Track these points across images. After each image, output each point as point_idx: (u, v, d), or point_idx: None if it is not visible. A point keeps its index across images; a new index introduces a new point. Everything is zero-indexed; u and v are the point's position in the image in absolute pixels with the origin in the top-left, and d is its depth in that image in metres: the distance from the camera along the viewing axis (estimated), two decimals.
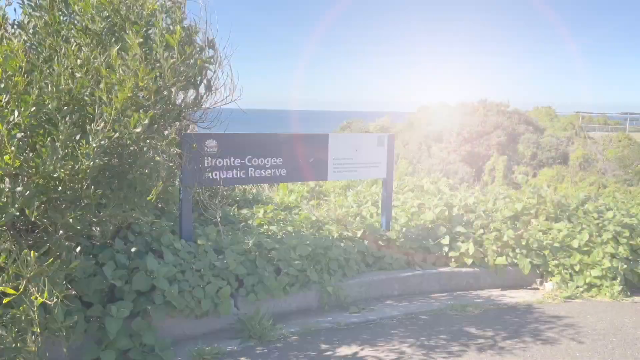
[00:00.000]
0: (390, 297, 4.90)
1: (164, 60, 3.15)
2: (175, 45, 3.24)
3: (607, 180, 23.57)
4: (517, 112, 29.46)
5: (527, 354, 3.63)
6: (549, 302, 4.82)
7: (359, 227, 5.40)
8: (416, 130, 29.07)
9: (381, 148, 5.44)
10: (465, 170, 21.28)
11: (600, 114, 59.72)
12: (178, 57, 3.26)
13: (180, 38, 3.21)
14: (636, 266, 5.28)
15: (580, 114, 50.14)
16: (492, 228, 5.56)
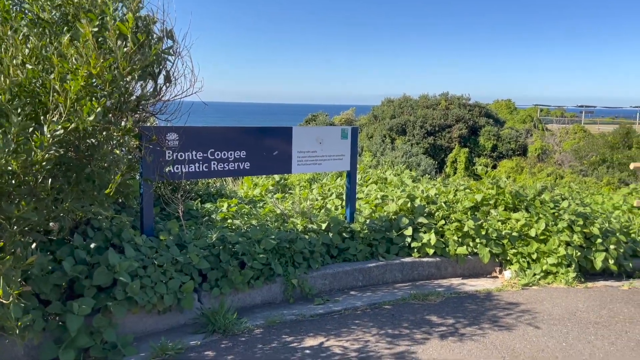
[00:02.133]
0: (354, 288, 4.96)
1: (117, 48, 3.08)
2: (128, 34, 3.16)
3: (563, 171, 24.36)
4: (478, 105, 30.07)
5: (487, 340, 3.74)
6: (508, 289, 4.97)
7: (323, 219, 5.42)
8: (380, 123, 29.32)
9: (345, 141, 5.47)
10: (428, 162, 21.62)
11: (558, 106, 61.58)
12: (132, 45, 3.18)
13: (133, 26, 3.14)
14: (589, 253, 5.48)
15: (538, 107, 51.58)
16: (453, 219, 5.67)
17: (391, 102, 31.59)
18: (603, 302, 4.61)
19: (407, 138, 27.93)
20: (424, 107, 29.27)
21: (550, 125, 37.24)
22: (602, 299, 4.71)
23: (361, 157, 11.43)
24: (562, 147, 27.95)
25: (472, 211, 5.94)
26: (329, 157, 5.38)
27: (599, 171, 22.76)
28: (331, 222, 5.35)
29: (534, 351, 3.60)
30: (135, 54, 3.29)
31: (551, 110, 57.99)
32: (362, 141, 27.20)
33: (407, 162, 17.76)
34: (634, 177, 18.54)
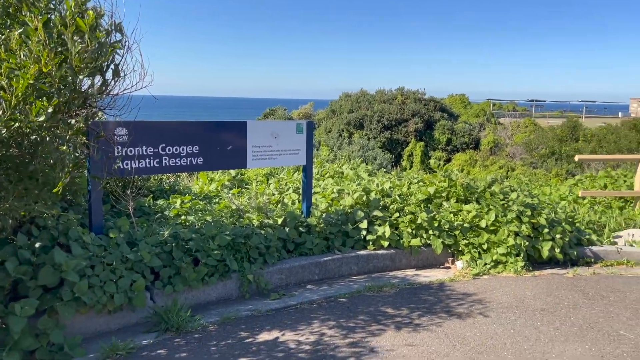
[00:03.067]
0: (311, 282, 4.97)
1: (72, 45, 2.96)
2: (87, 30, 3.05)
3: (515, 163, 25.14)
4: (433, 99, 30.62)
5: (439, 329, 3.83)
6: (460, 279, 5.09)
7: (280, 214, 5.42)
8: (338, 117, 29.45)
9: (300, 135, 5.47)
10: (384, 156, 21.89)
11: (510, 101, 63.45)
12: (88, 42, 3.07)
13: (92, 22, 3.03)
14: (537, 243, 5.68)
15: (491, 101, 52.99)
16: (407, 211, 5.77)
17: (349, 96, 31.77)
18: (549, 290, 4.79)
19: (365, 132, 28.17)
20: (381, 102, 29.58)
21: (503, 119, 38.34)
22: (549, 286, 4.90)
23: (318, 152, 11.47)
24: (513, 140, 28.83)
25: (425, 204, 6.06)
26: (285, 152, 5.36)
27: (548, 163, 23.61)
28: (287, 216, 5.34)
29: (484, 338, 3.71)
30: (88, 51, 3.18)
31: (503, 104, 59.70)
32: (320, 135, 27.26)
33: (363, 156, 17.93)
34: (580, 168, 19.32)
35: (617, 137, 24.97)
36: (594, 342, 3.67)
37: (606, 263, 5.82)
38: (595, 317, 4.14)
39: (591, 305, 4.40)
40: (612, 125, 28.22)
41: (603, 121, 33.44)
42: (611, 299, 4.58)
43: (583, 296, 4.63)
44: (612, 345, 3.64)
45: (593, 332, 3.85)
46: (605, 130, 26.69)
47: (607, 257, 5.90)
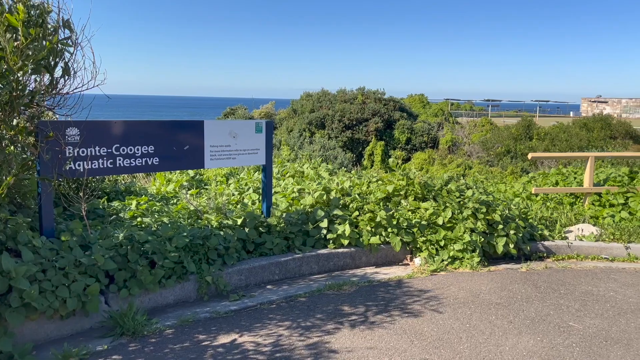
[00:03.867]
0: (271, 282, 4.96)
1: (5, 42, 2.85)
2: (19, 26, 2.94)
3: (472, 161, 25.76)
4: (392, 99, 31.04)
5: (397, 326, 3.88)
6: (418, 276, 5.18)
7: (239, 214, 5.37)
8: (300, 117, 29.46)
9: (260, 135, 5.44)
10: (345, 155, 22.04)
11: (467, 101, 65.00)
12: (23, 39, 2.96)
13: (24, 18, 2.92)
14: (492, 239, 5.84)
15: (449, 101, 54.12)
16: (366, 210, 5.82)
17: (310, 96, 31.82)
18: (504, 284, 4.93)
19: (326, 132, 28.28)
20: (342, 102, 29.75)
21: (460, 119, 39.22)
22: (503, 281, 5.04)
23: (279, 151, 11.43)
24: (470, 139, 29.53)
25: (384, 202, 6.13)
26: (244, 152, 5.32)
27: (503, 161, 24.30)
28: (247, 217, 5.30)
29: (441, 333, 3.79)
30: (26, 48, 3.07)
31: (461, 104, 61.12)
32: (281, 135, 27.20)
33: (324, 156, 18.00)
34: (535, 166, 19.96)
35: (568, 135, 25.93)
36: (545, 334, 3.80)
37: (557, 257, 6.03)
38: (546, 310, 4.28)
39: (543, 299, 4.55)
40: (564, 124, 29.30)
41: (556, 120, 34.66)
42: (562, 291, 4.75)
43: (535, 290, 4.79)
44: (562, 336, 3.78)
45: (544, 324, 3.99)
46: (558, 129, 27.68)
47: (558, 251, 6.11)
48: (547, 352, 3.51)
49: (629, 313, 4.24)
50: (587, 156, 8.02)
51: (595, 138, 25.19)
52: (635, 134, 28.03)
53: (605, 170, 8.55)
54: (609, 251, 6.11)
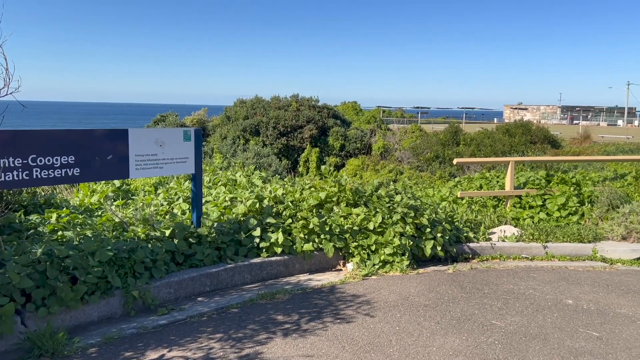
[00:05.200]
0: (202, 294, 4.85)
1: None
2: None
3: (403, 167, 26.48)
4: (326, 106, 31.35)
5: (329, 333, 3.90)
6: (350, 281, 5.24)
7: (168, 225, 5.22)
8: (234, 124, 29.11)
9: (188, 143, 5.32)
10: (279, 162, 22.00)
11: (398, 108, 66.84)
12: None
13: None
14: (420, 242, 6.02)
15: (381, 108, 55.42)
16: (299, 217, 5.84)
17: (244, 103, 31.55)
18: (432, 286, 5.09)
19: (261, 139, 28.12)
20: (276, 109, 29.71)
21: (392, 125, 40.25)
22: (431, 283, 5.20)
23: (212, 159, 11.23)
24: (401, 145, 30.34)
25: (317, 209, 6.17)
26: (172, 160, 5.19)
27: (433, 166, 25.13)
28: (176, 227, 5.16)
29: (372, 337, 3.85)
30: None
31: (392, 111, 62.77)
32: (215, 142, 26.75)
33: (258, 163, 17.87)
34: (462, 170, 20.80)
35: (492, 141, 27.24)
36: (470, 333, 3.96)
37: (482, 258, 6.30)
38: (471, 310, 4.46)
39: (468, 299, 4.73)
40: (488, 130, 30.73)
41: (481, 126, 36.30)
42: (485, 291, 4.97)
43: (461, 290, 4.97)
44: (486, 334, 3.95)
45: (469, 323, 4.15)
46: (483, 135, 29.00)
47: (483, 252, 6.39)
48: (472, 351, 3.65)
49: (546, 309, 4.49)
50: (508, 161, 8.46)
51: (517, 143, 26.59)
52: (553, 139, 29.89)
53: (524, 174, 9.04)
54: (529, 251, 6.46)
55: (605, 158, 11.13)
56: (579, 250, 6.45)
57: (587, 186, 8.62)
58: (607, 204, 7.66)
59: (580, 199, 8.00)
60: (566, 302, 4.69)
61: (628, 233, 6.80)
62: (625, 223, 6.86)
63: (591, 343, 3.81)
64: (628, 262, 6.22)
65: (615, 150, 21.21)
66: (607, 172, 10.37)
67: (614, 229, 6.89)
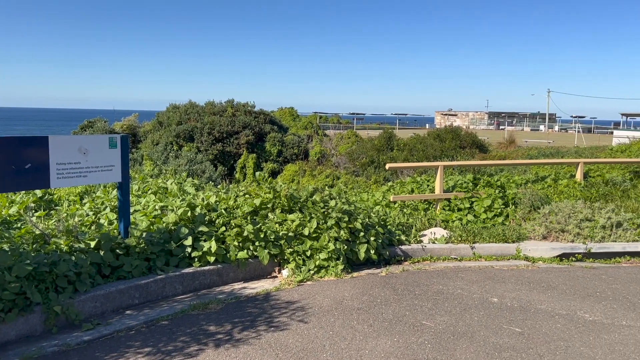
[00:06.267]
0: (131, 307, 4.67)
1: None
2: None
3: (340, 172, 26.80)
4: (263, 112, 31.29)
5: (262, 341, 3.87)
6: (286, 287, 5.22)
7: (93, 236, 4.99)
8: (167, 129, 28.37)
9: (114, 150, 5.12)
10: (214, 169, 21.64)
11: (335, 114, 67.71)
12: None
13: None
14: (354, 246, 6.10)
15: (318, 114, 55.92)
16: (233, 224, 5.75)
17: (177, 108, 30.84)
18: (365, 289, 5.16)
19: (196, 145, 27.59)
20: (211, 114, 29.27)
21: (329, 131, 40.67)
22: (365, 286, 5.27)
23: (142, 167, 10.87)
24: (338, 150, 30.71)
25: (251, 216, 6.11)
26: (96, 169, 4.97)
27: (368, 171, 25.61)
28: (102, 238, 4.95)
29: (305, 343, 3.85)
30: None
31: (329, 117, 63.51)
32: (147, 148, 25.95)
33: (191, 170, 17.49)
34: (396, 175, 21.31)
35: (424, 146, 28.12)
36: (401, 334, 4.04)
37: (414, 260, 6.47)
38: (403, 311, 4.56)
39: (400, 300, 4.84)
40: (420, 135, 31.70)
41: (413, 132, 37.39)
42: (417, 292, 5.10)
43: (394, 292, 5.08)
44: (416, 335, 4.05)
45: (401, 324, 4.24)
46: (415, 140, 29.88)
47: (414, 254, 6.57)
48: (403, 352, 3.74)
49: (473, 308, 4.67)
50: (437, 165, 8.76)
51: (448, 148, 27.60)
52: (481, 144, 31.26)
53: (453, 178, 9.39)
54: (457, 252, 6.70)
55: (527, 162, 11.76)
56: (504, 250, 6.77)
57: (511, 188, 9.07)
58: (529, 205, 8.09)
59: (505, 201, 8.40)
60: (491, 300, 4.90)
61: (548, 232, 7.21)
62: (546, 223, 7.27)
63: (514, 338, 4.00)
64: (548, 260, 6.60)
65: (537, 154, 22.47)
66: (529, 175, 10.97)
67: (536, 229, 7.28)
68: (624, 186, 9.52)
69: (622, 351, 3.80)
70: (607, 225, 7.13)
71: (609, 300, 4.95)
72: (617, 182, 9.81)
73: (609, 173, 10.65)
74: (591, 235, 6.98)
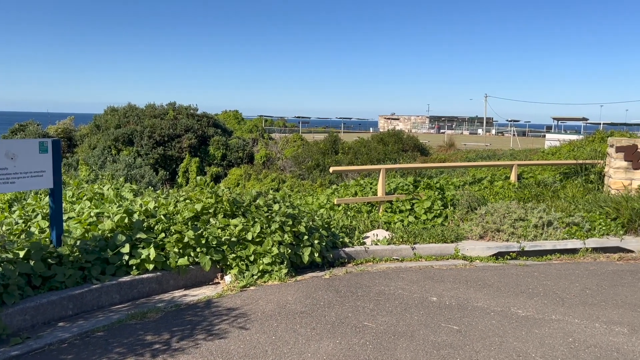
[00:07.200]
0: (64, 319, 4.46)
1: None
2: None
3: (286, 176, 26.77)
4: (206, 115, 30.77)
5: (202, 349, 3.79)
6: (228, 293, 5.15)
7: (22, 246, 4.74)
8: (104, 133, 27.34)
9: (45, 155, 4.89)
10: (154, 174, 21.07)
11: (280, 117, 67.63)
12: None
13: None
14: (299, 250, 6.10)
15: (263, 118, 55.67)
16: (173, 230, 5.62)
17: (115, 111, 29.82)
18: (309, 292, 5.17)
19: (135, 149, 26.75)
20: (152, 117, 28.49)
21: (274, 135, 40.57)
22: (308, 289, 5.28)
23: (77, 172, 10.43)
24: (284, 154, 30.68)
25: (193, 221, 5.99)
26: (25, 175, 4.73)
27: (314, 174, 25.72)
28: (32, 247, 4.71)
29: (247, 349, 3.80)
30: None
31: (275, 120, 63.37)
32: (83, 153, 24.93)
33: (129, 175, 16.93)
34: (341, 178, 21.51)
35: (368, 149, 28.57)
36: (344, 336, 4.07)
37: (357, 262, 6.55)
38: (345, 313, 4.60)
39: (343, 302, 4.88)
40: (364, 139, 32.19)
41: (358, 135, 37.91)
42: (359, 294, 5.16)
43: (337, 294, 5.11)
44: (358, 336, 4.09)
45: (343, 326, 4.27)
46: (359, 144, 30.31)
47: (357, 256, 6.64)
48: (345, 353, 3.76)
49: (413, 308, 4.78)
50: (380, 168, 8.91)
51: (391, 151, 28.17)
52: (422, 147, 32.11)
53: (395, 180, 9.58)
54: (399, 252, 6.83)
55: (466, 164, 12.19)
56: (443, 250, 6.96)
57: (450, 190, 9.36)
58: (467, 206, 8.37)
59: (444, 202, 8.66)
60: (431, 299, 5.03)
61: (484, 232, 7.48)
62: (482, 223, 7.54)
63: (452, 336, 4.12)
64: (485, 259, 6.85)
65: (475, 156, 23.33)
66: (467, 177, 11.37)
67: (473, 229, 7.54)
68: (555, 187, 10.04)
69: (552, 344, 3.99)
70: (539, 224, 7.49)
71: (540, 296, 5.20)
72: (548, 183, 10.34)
73: (541, 174, 11.20)
74: (524, 234, 7.30)
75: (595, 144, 14.97)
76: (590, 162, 10.85)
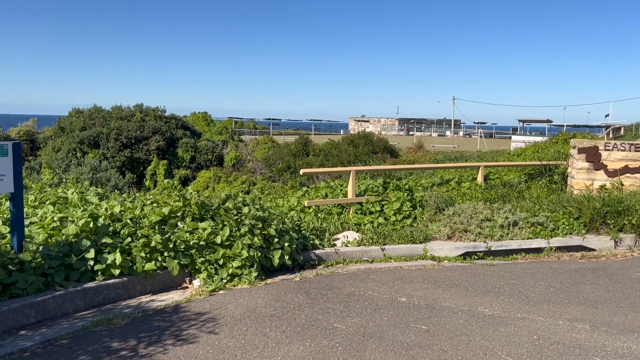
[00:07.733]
0: (26, 327, 4.33)
1: None
2: None
3: (256, 178, 26.62)
4: (174, 117, 30.36)
5: (170, 355, 3.73)
6: (197, 298, 5.08)
7: None
8: (69, 135, 26.67)
9: (5, 158, 4.75)
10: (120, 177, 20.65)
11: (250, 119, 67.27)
12: None
13: None
14: (269, 252, 6.06)
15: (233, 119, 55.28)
16: (140, 235, 5.52)
17: (81, 112, 29.13)
18: (279, 295, 5.15)
19: (102, 151, 26.20)
20: (118, 119, 27.95)
21: (244, 137, 40.33)
22: (278, 292, 5.26)
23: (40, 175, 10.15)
24: (254, 156, 30.52)
25: (160, 225, 5.90)
26: None
27: (284, 176, 25.66)
28: None
29: (216, 354, 3.76)
30: None
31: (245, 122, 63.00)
32: (47, 156, 24.27)
33: (94, 178, 16.55)
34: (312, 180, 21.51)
35: (339, 151, 28.68)
36: (314, 339, 4.07)
37: (327, 264, 6.55)
38: (315, 315, 4.59)
39: (313, 305, 4.87)
40: (335, 141, 32.30)
41: (328, 137, 38.03)
42: (329, 296, 5.17)
43: (307, 297, 5.11)
44: (328, 338, 4.09)
45: (313, 329, 4.27)
46: (330, 146, 30.40)
47: (328, 258, 6.65)
48: (315, 356, 3.76)
49: (382, 308, 4.81)
50: (350, 170, 8.95)
51: (361, 153, 28.34)
52: (392, 149, 32.42)
53: (365, 182, 9.65)
54: (369, 254, 6.87)
55: (434, 166, 12.36)
56: (412, 250, 7.04)
57: (419, 191, 9.47)
58: (435, 207, 8.48)
59: (413, 203, 8.75)
60: (400, 300, 5.07)
61: (452, 232, 7.60)
62: (450, 224, 7.65)
63: (420, 336, 4.16)
64: (453, 259, 6.95)
65: (443, 158, 23.66)
66: (435, 178, 11.52)
67: (441, 229, 7.65)
68: (520, 187, 10.27)
69: (517, 342, 4.08)
70: (505, 224, 7.64)
71: (506, 295, 5.30)
72: (514, 184, 10.57)
73: (507, 175, 11.45)
74: (491, 234, 7.44)
75: (558, 146, 15.40)
76: (554, 163, 11.15)
